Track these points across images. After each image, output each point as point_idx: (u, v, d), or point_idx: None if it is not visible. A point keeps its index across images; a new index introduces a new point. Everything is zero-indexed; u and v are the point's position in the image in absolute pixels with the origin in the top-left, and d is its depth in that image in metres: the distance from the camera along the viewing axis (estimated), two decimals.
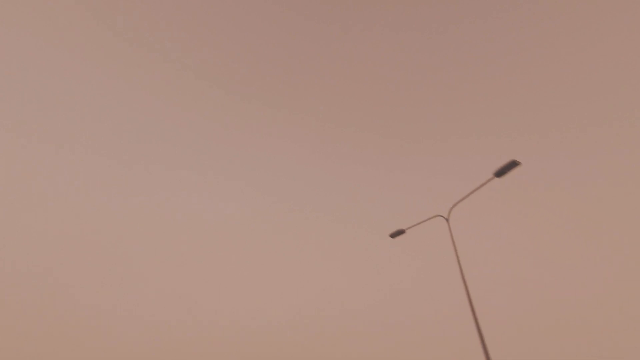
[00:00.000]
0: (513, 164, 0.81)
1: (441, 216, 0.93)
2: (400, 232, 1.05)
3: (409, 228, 1.04)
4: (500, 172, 0.83)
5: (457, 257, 0.78)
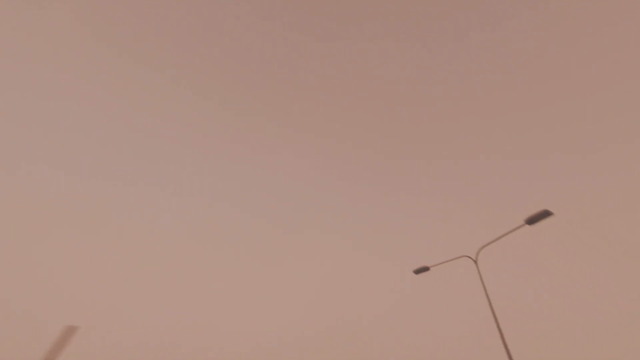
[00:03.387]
0: (546, 214, 0.84)
1: (469, 257, 0.94)
2: (424, 269, 1.06)
3: (434, 266, 1.05)
4: (532, 220, 0.86)
5: (489, 300, 0.79)
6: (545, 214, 0.84)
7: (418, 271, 1.07)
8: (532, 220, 0.86)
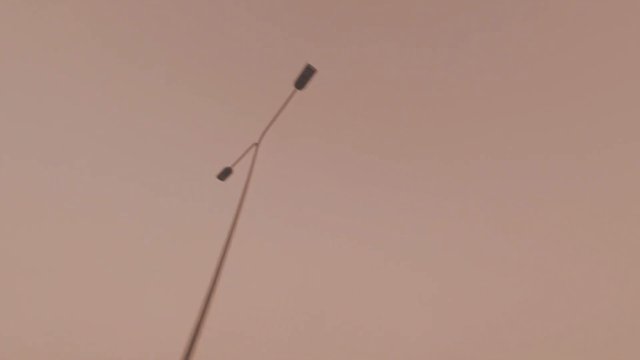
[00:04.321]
0: (309, 71, 0.60)
1: (255, 144, 0.74)
2: (227, 172, 0.86)
3: (235, 164, 0.85)
4: (299, 83, 0.62)
5: (242, 201, 0.62)
6: (309, 71, 0.60)
7: (222, 176, 0.88)
8: (300, 83, 0.63)
